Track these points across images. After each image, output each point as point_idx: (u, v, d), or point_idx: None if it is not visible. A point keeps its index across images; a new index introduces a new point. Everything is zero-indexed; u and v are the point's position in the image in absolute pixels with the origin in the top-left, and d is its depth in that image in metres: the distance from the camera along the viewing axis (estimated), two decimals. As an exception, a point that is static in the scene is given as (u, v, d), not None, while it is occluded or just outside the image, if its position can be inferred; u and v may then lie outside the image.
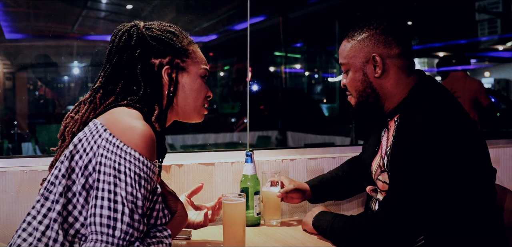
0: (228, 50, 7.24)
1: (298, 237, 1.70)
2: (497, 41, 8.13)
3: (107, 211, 1.15)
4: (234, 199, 1.55)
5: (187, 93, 1.42)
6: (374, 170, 1.67)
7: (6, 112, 4.98)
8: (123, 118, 1.26)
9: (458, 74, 4.47)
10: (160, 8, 5.18)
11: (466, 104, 4.26)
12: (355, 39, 1.61)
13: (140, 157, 1.20)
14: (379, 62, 1.57)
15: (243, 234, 1.54)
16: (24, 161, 1.83)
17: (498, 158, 2.41)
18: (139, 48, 1.36)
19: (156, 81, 1.37)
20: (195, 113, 1.46)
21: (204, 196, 1.98)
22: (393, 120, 1.61)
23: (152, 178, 1.24)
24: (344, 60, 1.65)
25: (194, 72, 1.42)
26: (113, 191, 1.17)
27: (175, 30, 1.42)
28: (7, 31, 4.81)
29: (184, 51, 1.41)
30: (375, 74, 1.58)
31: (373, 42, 1.58)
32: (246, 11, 2.34)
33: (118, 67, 1.36)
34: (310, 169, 2.14)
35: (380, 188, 1.63)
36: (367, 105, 1.63)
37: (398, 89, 1.59)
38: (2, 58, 5.00)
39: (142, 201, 1.19)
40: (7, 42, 4.84)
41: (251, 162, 1.83)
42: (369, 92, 1.60)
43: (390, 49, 1.58)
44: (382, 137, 1.68)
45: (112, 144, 1.20)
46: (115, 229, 1.14)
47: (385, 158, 1.58)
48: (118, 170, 1.18)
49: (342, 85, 1.71)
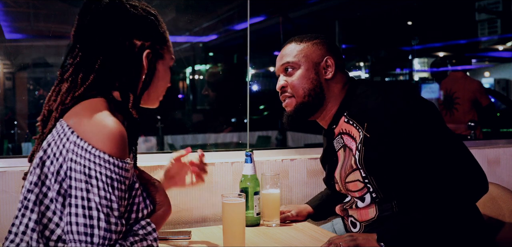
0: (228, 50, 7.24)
1: (298, 237, 1.70)
2: (497, 41, 8.13)
3: (83, 219, 1.13)
4: (233, 199, 1.55)
5: (159, 80, 1.36)
6: (339, 177, 1.67)
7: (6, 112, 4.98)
8: (90, 116, 1.19)
9: (458, 75, 4.46)
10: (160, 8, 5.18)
11: (465, 104, 4.26)
12: (307, 42, 1.69)
13: (110, 159, 1.16)
14: (332, 64, 1.66)
15: (242, 234, 1.54)
16: (24, 161, 1.83)
17: (498, 158, 2.41)
18: (122, 24, 1.27)
19: (135, 63, 1.29)
20: (157, 101, 1.40)
21: (204, 196, 1.98)
22: (342, 120, 1.65)
23: (126, 176, 1.20)
24: (293, 59, 1.68)
25: (167, 60, 1.38)
26: (86, 198, 1.14)
27: (155, 12, 1.36)
28: (7, 31, 4.80)
29: (163, 38, 1.35)
30: (326, 76, 1.66)
31: (326, 47, 1.68)
32: (246, 11, 2.34)
33: (98, 40, 1.26)
34: (310, 169, 2.14)
35: (351, 188, 1.63)
36: (309, 107, 1.67)
37: (341, 93, 1.68)
38: (2, 58, 5.00)
39: (118, 203, 1.16)
40: (7, 42, 4.83)
41: (250, 162, 1.83)
42: (318, 92, 1.66)
43: (338, 57, 1.69)
44: (335, 144, 1.70)
45: (80, 147, 1.16)
46: (93, 236, 1.12)
47: (356, 154, 1.58)
48: (89, 175, 1.15)
49: (279, 87, 1.72)
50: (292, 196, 2.13)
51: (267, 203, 1.85)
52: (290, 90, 1.69)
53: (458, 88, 4.30)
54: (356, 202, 1.64)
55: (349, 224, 1.70)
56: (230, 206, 1.54)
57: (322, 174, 2.16)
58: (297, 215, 1.90)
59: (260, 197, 1.84)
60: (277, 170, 2.08)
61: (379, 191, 1.57)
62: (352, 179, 1.61)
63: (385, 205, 1.57)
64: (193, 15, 5.48)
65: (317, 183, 2.16)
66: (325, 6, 6.91)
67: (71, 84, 1.26)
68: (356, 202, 1.64)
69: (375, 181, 1.56)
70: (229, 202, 1.55)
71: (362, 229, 1.64)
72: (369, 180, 1.57)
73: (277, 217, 1.85)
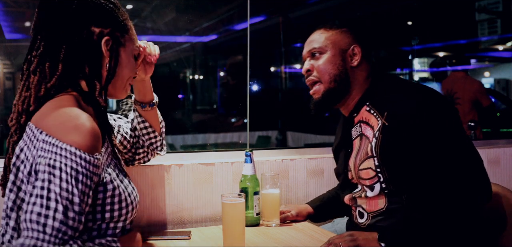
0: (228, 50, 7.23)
1: (298, 237, 1.70)
2: (497, 41, 8.13)
3: (39, 208, 1.09)
4: (233, 199, 1.55)
5: (123, 69, 1.37)
6: (353, 165, 1.68)
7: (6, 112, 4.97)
8: (57, 113, 1.20)
9: (458, 75, 4.46)
10: (160, 8, 5.18)
11: (466, 104, 4.26)
12: (335, 29, 1.72)
13: (77, 151, 1.15)
14: (358, 53, 1.69)
15: (242, 234, 1.54)
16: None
17: (498, 158, 2.41)
18: (80, 12, 1.29)
19: (95, 52, 1.31)
20: (123, 91, 1.42)
21: (204, 196, 1.98)
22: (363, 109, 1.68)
23: (94, 172, 1.19)
24: (320, 45, 1.71)
25: (130, 49, 1.40)
26: (47, 188, 1.11)
27: (116, 2, 1.39)
28: (7, 31, 4.81)
29: (124, 26, 1.37)
30: (352, 64, 1.69)
31: (354, 36, 1.72)
32: (246, 11, 2.34)
33: (57, 29, 1.28)
34: (310, 169, 2.14)
35: (363, 176, 1.63)
36: (335, 93, 1.70)
37: (366, 82, 1.71)
38: (2, 58, 5.00)
39: (80, 197, 1.13)
40: (7, 42, 4.83)
41: (250, 162, 1.83)
42: (343, 78, 1.69)
43: (365, 46, 1.72)
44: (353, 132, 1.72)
45: (48, 143, 1.16)
46: (46, 226, 1.07)
47: (373, 141, 1.59)
48: (53, 166, 1.13)
49: (304, 71, 1.74)
50: (292, 196, 2.13)
51: (267, 203, 1.85)
52: (315, 73, 1.72)
53: (458, 88, 4.30)
54: (365, 192, 1.65)
55: (356, 214, 1.70)
56: (230, 206, 1.54)
57: (322, 174, 2.16)
58: (297, 215, 1.90)
59: (260, 197, 1.84)
60: (277, 170, 2.08)
61: (389, 182, 1.58)
62: (365, 167, 1.63)
63: (395, 198, 1.58)
64: (193, 15, 5.48)
65: (317, 183, 2.16)
66: (325, 6, 6.91)
67: (40, 75, 1.27)
68: (366, 192, 1.65)
69: (387, 172, 1.57)
70: (229, 202, 1.54)
71: (369, 220, 1.64)
72: (381, 170, 1.58)
73: (277, 217, 1.85)
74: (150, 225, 1.90)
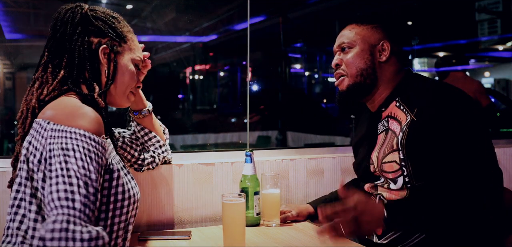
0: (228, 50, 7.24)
1: (298, 237, 1.70)
2: (497, 41, 8.14)
3: (63, 186, 1.12)
4: (233, 199, 1.55)
5: (122, 76, 1.46)
6: (376, 158, 1.69)
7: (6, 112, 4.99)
8: (64, 106, 1.28)
9: (458, 75, 4.46)
10: (160, 8, 5.18)
11: (466, 104, 4.26)
12: (366, 25, 1.73)
13: (86, 133, 1.22)
14: (387, 49, 1.70)
15: (242, 234, 1.54)
16: (24, 161, 1.83)
17: (498, 158, 2.41)
18: (81, 25, 1.41)
19: (93, 59, 1.41)
20: (124, 98, 1.50)
21: (204, 196, 1.98)
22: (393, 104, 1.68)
23: (103, 154, 1.25)
24: (349, 40, 1.72)
25: (128, 57, 1.48)
26: (65, 168, 1.15)
27: (118, 16, 1.49)
28: (7, 31, 4.81)
29: (122, 36, 1.46)
30: (380, 59, 1.70)
31: (384, 32, 1.72)
32: (246, 11, 2.34)
33: (61, 41, 1.39)
34: (310, 169, 2.14)
35: (386, 169, 1.64)
36: (361, 87, 1.70)
37: (394, 78, 1.71)
38: (2, 58, 5.00)
39: (95, 175, 1.19)
40: (7, 42, 4.84)
41: (250, 162, 1.83)
42: (370, 72, 1.70)
43: (396, 43, 1.72)
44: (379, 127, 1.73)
45: (57, 130, 1.22)
46: (74, 201, 1.12)
47: (400, 135, 1.60)
48: (66, 149, 1.18)
49: (334, 64, 1.76)
50: (292, 196, 2.13)
51: (267, 203, 1.85)
52: (343, 67, 1.73)
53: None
54: (389, 183, 1.65)
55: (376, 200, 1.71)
56: (230, 206, 1.54)
57: (322, 174, 2.16)
58: (297, 215, 1.90)
59: (260, 197, 1.84)
60: (277, 170, 2.08)
61: (412, 177, 1.59)
62: (389, 160, 1.63)
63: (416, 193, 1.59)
64: (193, 15, 5.49)
65: (317, 183, 2.16)
66: (325, 6, 6.92)
67: (42, 80, 1.38)
68: (389, 184, 1.65)
69: (411, 166, 1.58)
70: (229, 202, 1.54)
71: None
72: (406, 164, 1.59)
73: (277, 217, 1.85)
74: (150, 225, 1.90)
